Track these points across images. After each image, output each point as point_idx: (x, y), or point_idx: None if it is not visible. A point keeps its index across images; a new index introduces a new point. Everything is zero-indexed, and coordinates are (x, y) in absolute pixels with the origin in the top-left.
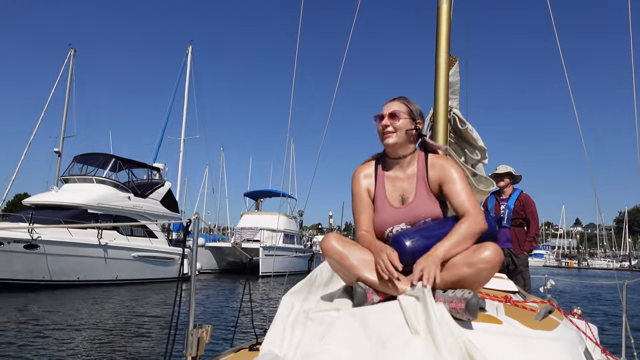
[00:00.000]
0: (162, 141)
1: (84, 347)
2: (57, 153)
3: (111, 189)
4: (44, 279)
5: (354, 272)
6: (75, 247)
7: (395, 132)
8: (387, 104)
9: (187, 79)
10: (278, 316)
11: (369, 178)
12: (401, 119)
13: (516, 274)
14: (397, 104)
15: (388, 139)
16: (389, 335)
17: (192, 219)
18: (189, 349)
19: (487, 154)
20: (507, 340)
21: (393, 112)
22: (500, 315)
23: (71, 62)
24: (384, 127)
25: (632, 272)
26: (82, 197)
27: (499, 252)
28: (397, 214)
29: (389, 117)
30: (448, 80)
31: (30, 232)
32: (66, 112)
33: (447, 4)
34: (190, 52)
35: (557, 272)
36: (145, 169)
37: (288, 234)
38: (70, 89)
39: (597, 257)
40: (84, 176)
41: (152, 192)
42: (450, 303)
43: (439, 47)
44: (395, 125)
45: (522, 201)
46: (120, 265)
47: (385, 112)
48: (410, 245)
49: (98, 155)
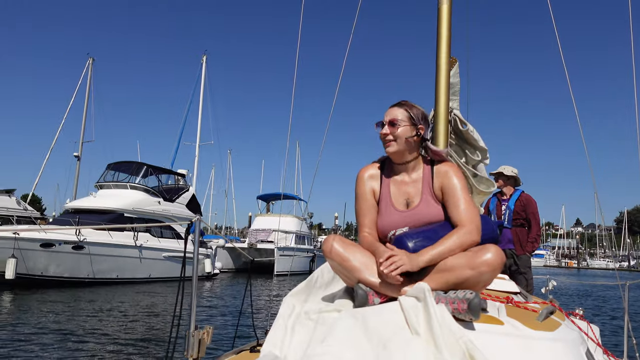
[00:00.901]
0: (179, 147)
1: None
2: (77, 157)
3: (143, 194)
4: (88, 277)
5: (355, 274)
6: (115, 248)
7: (395, 141)
8: (388, 110)
9: (201, 88)
10: (279, 317)
11: (375, 179)
12: (401, 127)
13: (518, 275)
14: (398, 110)
15: (388, 148)
16: (390, 336)
17: (194, 220)
18: (189, 351)
19: (488, 155)
20: (509, 341)
21: (392, 120)
22: (502, 316)
23: (90, 71)
24: (384, 136)
25: (632, 272)
26: (118, 202)
27: (501, 254)
28: (401, 218)
29: (388, 125)
30: (449, 82)
31: (77, 234)
32: (85, 118)
33: (448, 5)
34: (204, 62)
35: (557, 272)
36: (172, 175)
37: (300, 235)
38: (89, 97)
39: (597, 257)
40: (117, 182)
41: (178, 197)
42: (452, 304)
43: (440, 48)
44: (394, 133)
45: (523, 201)
46: (153, 265)
47: (385, 120)
48: (413, 246)
49: (131, 163)
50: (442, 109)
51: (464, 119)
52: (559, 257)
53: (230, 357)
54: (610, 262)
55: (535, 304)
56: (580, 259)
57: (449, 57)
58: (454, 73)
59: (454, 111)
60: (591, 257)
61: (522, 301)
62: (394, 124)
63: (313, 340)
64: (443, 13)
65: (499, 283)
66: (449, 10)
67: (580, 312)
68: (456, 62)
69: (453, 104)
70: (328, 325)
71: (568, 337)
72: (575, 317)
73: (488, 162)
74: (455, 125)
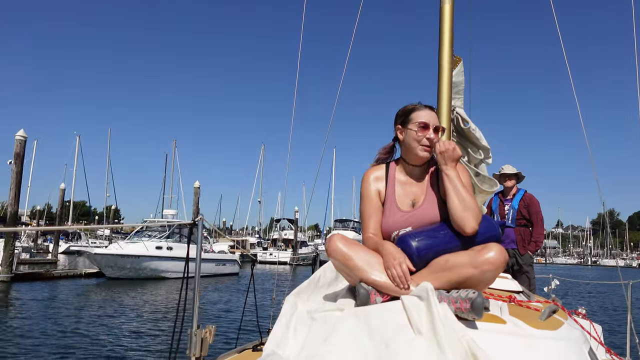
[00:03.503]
0: None
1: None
2: None
3: None
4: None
5: (358, 273)
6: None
7: (433, 147)
8: (428, 111)
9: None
10: (282, 316)
11: (380, 181)
12: (442, 137)
13: (521, 274)
14: (437, 117)
15: (427, 153)
16: (393, 335)
17: (196, 220)
18: (192, 350)
19: (490, 153)
20: (511, 340)
21: (440, 127)
22: (504, 315)
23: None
24: (429, 140)
25: (592, 267)
26: None
27: (503, 252)
28: (405, 218)
29: (435, 132)
30: (451, 80)
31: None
32: None
33: (450, 4)
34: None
35: None
36: None
37: None
38: None
39: (559, 255)
40: None
41: None
42: (455, 303)
43: (442, 47)
44: (436, 141)
45: (526, 201)
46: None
47: (433, 124)
48: (416, 245)
49: None
50: (444, 108)
51: (466, 117)
52: None
53: (233, 355)
54: (570, 258)
55: (537, 302)
56: (547, 255)
57: (451, 56)
58: (457, 72)
59: (457, 109)
60: (555, 256)
61: (525, 300)
62: (438, 130)
63: (315, 340)
64: (445, 12)
65: (502, 282)
66: (451, 9)
67: (583, 311)
68: (460, 61)
69: (456, 103)
70: (330, 324)
71: (570, 336)
72: (578, 315)
73: (491, 162)
74: (458, 123)
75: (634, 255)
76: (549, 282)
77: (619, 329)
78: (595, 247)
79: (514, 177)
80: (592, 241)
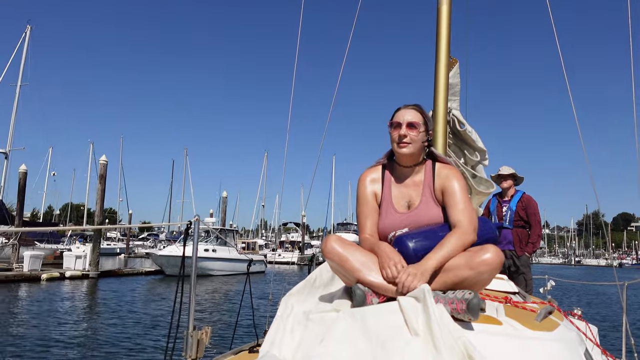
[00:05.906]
0: None
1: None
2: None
3: None
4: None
5: (354, 274)
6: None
7: (410, 144)
8: (403, 110)
9: None
10: (277, 317)
11: (376, 182)
12: (420, 132)
13: (518, 275)
14: (415, 114)
15: (404, 149)
16: (389, 336)
17: (192, 221)
18: (188, 351)
19: (487, 155)
20: (507, 341)
21: (413, 122)
22: (500, 316)
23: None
24: (400, 137)
25: (576, 266)
26: None
27: (500, 254)
28: (401, 219)
29: (407, 127)
30: (448, 82)
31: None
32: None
33: (447, 6)
34: None
35: None
36: None
37: None
38: None
39: (545, 255)
40: None
41: None
42: (451, 304)
43: (439, 48)
44: (412, 136)
45: (525, 202)
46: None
47: (403, 121)
48: (413, 246)
49: None
50: (440, 109)
51: (462, 119)
52: None
53: (229, 357)
54: (554, 258)
55: (533, 304)
56: (533, 256)
57: (448, 58)
58: (454, 73)
59: (453, 111)
60: (541, 256)
61: (521, 301)
62: (413, 126)
63: (311, 341)
64: (443, 14)
65: (498, 283)
66: (448, 11)
67: (579, 312)
68: (456, 63)
69: (452, 104)
70: (326, 325)
71: (566, 337)
72: (574, 317)
73: (487, 163)
74: (454, 125)
75: (615, 255)
76: (545, 283)
77: (614, 330)
78: (580, 247)
79: (510, 178)
80: (576, 242)
